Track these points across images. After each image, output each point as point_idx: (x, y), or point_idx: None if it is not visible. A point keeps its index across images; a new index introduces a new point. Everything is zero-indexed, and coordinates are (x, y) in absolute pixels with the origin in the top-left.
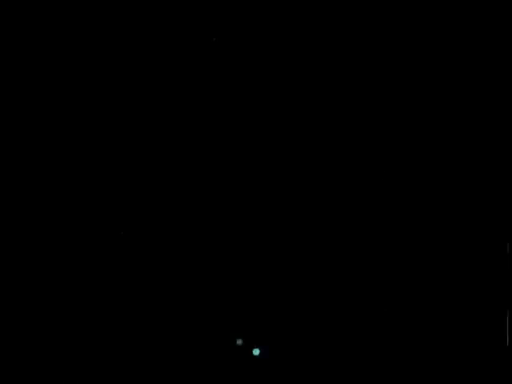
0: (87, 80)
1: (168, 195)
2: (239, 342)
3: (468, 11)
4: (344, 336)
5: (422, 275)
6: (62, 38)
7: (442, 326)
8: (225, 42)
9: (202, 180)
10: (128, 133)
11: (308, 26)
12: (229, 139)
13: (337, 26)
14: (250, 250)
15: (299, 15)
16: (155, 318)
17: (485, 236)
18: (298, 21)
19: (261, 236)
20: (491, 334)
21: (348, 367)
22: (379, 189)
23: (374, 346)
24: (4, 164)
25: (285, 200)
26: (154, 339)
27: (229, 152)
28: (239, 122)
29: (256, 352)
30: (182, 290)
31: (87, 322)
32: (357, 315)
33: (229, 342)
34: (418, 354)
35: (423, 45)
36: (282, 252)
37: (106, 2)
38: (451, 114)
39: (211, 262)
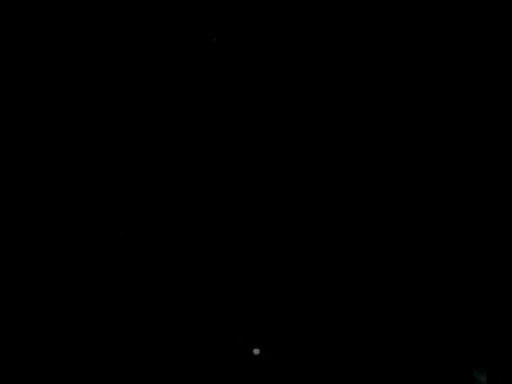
0: (87, 80)
1: (168, 195)
2: (256, 351)
3: (468, 11)
4: (344, 336)
5: (422, 275)
6: (62, 38)
7: (443, 325)
8: (225, 41)
9: (202, 180)
10: (128, 133)
11: (308, 25)
12: (229, 139)
13: (337, 26)
14: (250, 249)
15: (299, 15)
16: (155, 318)
17: (485, 235)
18: (298, 21)
19: (261, 236)
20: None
21: (348, 367)
22: (379, 189)
23: (373, 346)
24: (4, 164)
25: (284, 200)
26: (154, 339)
27: (229, 152)
28: (239, 121)
29: (256, 351)
30: (182, 289)
31: (87, 321)
32: (356, 315)
33: (229, 341)
34: (418, 354)
35: (423, 45)
36: (282, 252)
37: (106, 2)
38: (451, 114)
39: (211, 262)
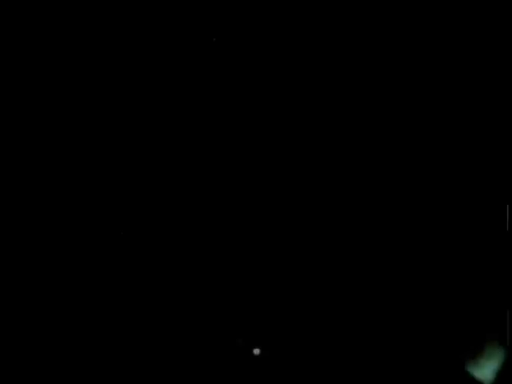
0: (87, 80)
1: (168, 195)
2: (256, 351)
3: (468, 11)
4: (344, 336)
5: (422, 276)
6: (62, 38)
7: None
8: (225, 41)
9: (203, 180)
10: (128, 133)
11: (309, 25)
12: (229, 139)
13: (337, 26)
14: (250, 250)
15: (300, 15)
16: (155, 318)
17: (485, 235)
18: (299, 21)
19: (261, 236)
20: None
21: (347, 367)
22: (379, 189)
23: (373, 346)
24: (4, 164)
25: (285, 201)
26: (153, 339)
27: (229, 152)
28: (239, 122)
29: (256, 351)
30: (182, 290)
31: (87, 322)
32: (356, 315)
33: (229, 341)
34: (418, 355)
35: (423, 45)
36: (282, 252)
37: (106, 1)
38: (451, 114)
39: (211, 263)
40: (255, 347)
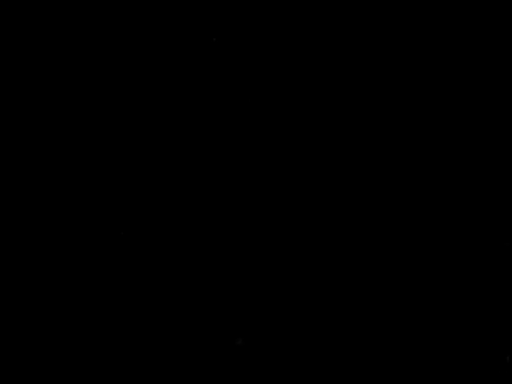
0: (86, 80)
1: (168, 195)
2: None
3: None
4: (343, 335)
5: (423, 276)
6: (62, 38)
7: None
8: (225, 42)
9: (203, 180)
10: (128, 133)
11: (309, 26)
12: (229, 139)
13: (338, 26)
14: (250, 250)
15: (300, 15)
16: (155, 318)
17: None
18: (299, 21)
19: (261, 236)
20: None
21: (347, 367)
22: (380, 189)
23: (373, 345)
24: (4, 164)
25: (285, 201)
26: (153, 339)
27: (229, 152)
28: (239, 122)
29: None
30: (182, 290)
31: (87, 322)
32: (356, 315)
33: (229, 341)
34: (418, 356)
35: (423, 45)
36: (283, 252)
37: (105, 1)
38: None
39: (211, 263)
40: (254, 346)
